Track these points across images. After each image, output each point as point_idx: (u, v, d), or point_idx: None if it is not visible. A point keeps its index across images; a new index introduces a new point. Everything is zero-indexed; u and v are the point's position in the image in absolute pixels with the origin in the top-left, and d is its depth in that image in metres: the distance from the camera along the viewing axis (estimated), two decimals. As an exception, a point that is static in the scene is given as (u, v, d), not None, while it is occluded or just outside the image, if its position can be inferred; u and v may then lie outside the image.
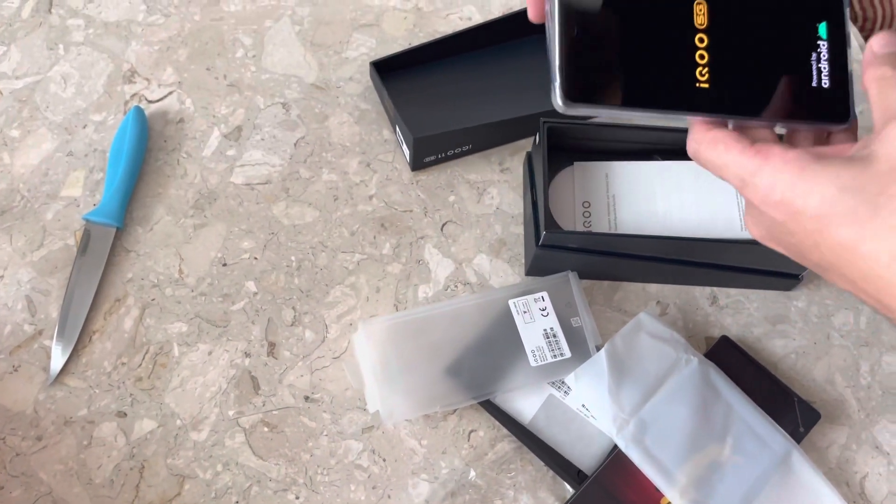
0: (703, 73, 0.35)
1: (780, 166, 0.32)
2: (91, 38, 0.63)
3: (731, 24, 0.35)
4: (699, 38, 0.35)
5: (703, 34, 0.35)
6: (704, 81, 0.35)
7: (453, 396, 0.49)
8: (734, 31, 0.35)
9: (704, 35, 0.35)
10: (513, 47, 0.63)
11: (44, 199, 0.56)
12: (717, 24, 0.35)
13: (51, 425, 0.49)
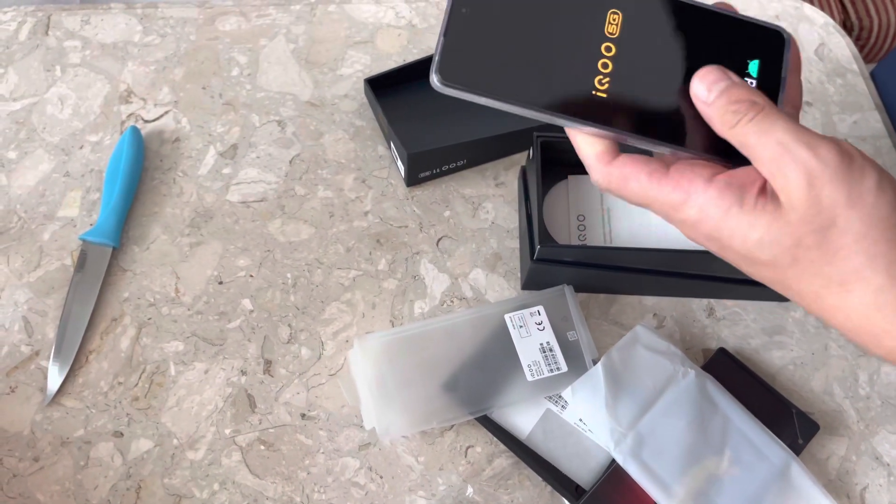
0: (603, 82, 0.33)
1: (704, 204, 0.31)
2: (88, 60, 0.63)
3: (646, 40, 0.33)
4: (606, 46, 0.33)
5: (611, 43, 0.33)
6: (602, 91, 0.33)
7: (450, 412, 0.49)
8: (649, 48, 0.33)
9: (613, 45, 0.33)
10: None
11: (41, 219, 0.56)
12: (630, 37, 0.33)
13: (47, 446, 0.49)
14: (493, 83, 0.32)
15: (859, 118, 0.65)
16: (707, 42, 0.33)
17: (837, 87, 0.67)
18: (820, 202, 0.29)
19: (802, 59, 0.68)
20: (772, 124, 0.30)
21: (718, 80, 0.32)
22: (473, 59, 0.31)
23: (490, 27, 0.32)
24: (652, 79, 0.33)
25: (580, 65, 0.32)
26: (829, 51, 0.69)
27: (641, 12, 0.33)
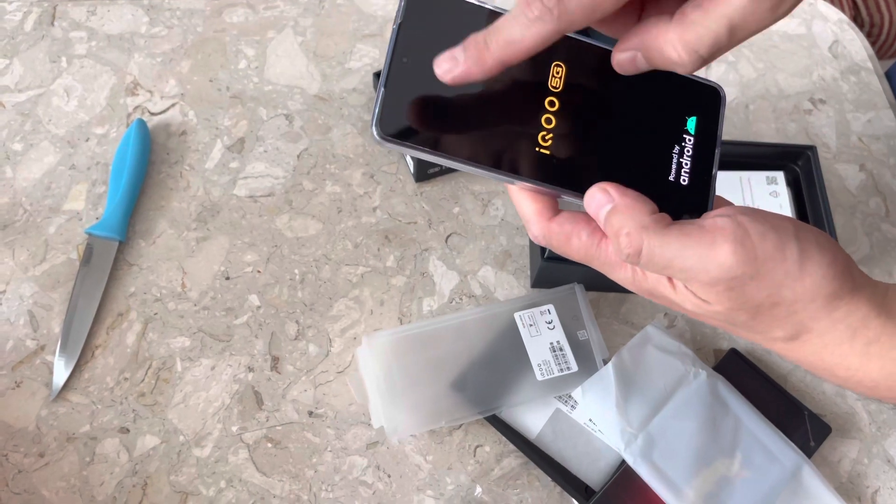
0: (547, 138, 0.31)
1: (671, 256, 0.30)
2: (94, 51, 0.62)
3: (588, 94, 0.32)
4: (550, 100, 0.31)
5: (554, 97, 0.32)
6: (546, 148, 0.31)
7: (459, 411, 0.48)
8: (591, 102, 0.32)
9: (556, 99, 0.32)
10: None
11: (46, 212, 0.56)
12: (572, 92, 0.32)
13: (53, 441, 0.49)
14: (434, 138, 0.30)
15: (873, 116, 0.64)
16: (647, 99, 0.33)
17: (851, 84, 0.66)
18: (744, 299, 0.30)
19: (816, 56, 0.68)
20: (661, 249, 0.29)
21: (601, 203, 0.31)
22: (413, 112, 0.30)
23: (432, 79, 0.30)
24: (593, 136, 0.32)
25: (525, 119, 0.31)
26: (843, 48, 0.68)
27: (584, 66, 0.32)
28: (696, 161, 0.33)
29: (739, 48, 0.66)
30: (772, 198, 0.54)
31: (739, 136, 0.63)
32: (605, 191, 0.30)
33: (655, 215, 0.30)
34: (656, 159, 0.33)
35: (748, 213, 0.30)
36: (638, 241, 0.29)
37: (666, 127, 0.33)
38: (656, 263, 0.29)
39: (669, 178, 0.33)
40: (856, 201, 0.60)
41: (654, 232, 0.29)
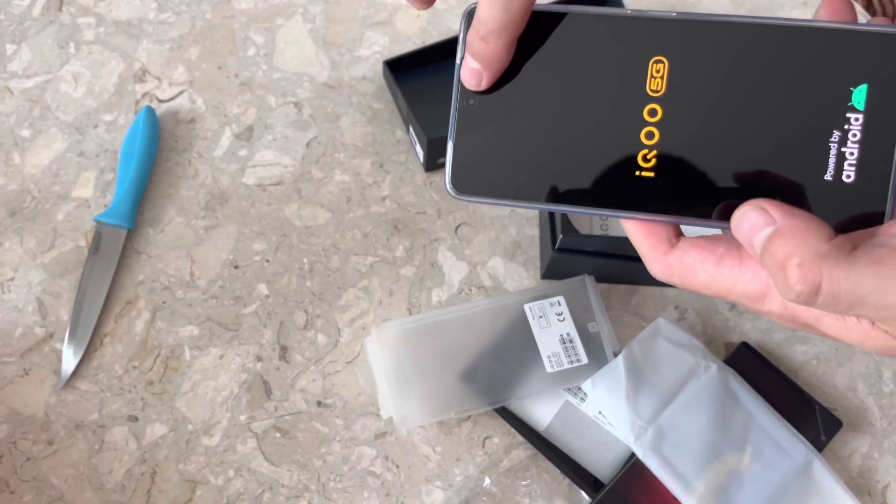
0: (649, 157, 0.26)
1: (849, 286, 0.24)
2: (102, 37, 0.62)
3: (701, 90, 0.26)
4: (650, 109, 0.26)
5: (656, 104, 0.26)
6: (648, 168, 0.26)
7: (468, 402, 0.48)
8: (705, 99, 0.26)
9: (658, 106, 0.26)
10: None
11: (55, 199, 0.55)
12: (679, 91, 0.26)
13: (62, 429, 0.49)
14: (518, 185, 0.27)
15: None
16: (786, 72, 0.25)
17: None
18: None
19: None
20: (850, 284, 0.22)
21: (757, 227, 0.24)
22: (490, 160, 0.27)
23: (504, 117, 0.26)
24: (712, 144, 0.26)
25: (618, 139, 0.26)
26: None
27: (693, 52, 0.26)
28: (867, 148, 0.25)
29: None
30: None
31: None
32: (763, 210, 0.24)
33: (835, 240, 0.23)
34: (805, 154, 0.25)
35: None
36: (815, 274, 0.22)
37: (818, 107, 0.25)
38: (842, 302, 0.23)
39: (826, 178, 0.25)
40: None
41: (836, 262, 0.22)
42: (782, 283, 0.23)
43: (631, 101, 0.26)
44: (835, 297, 0.23)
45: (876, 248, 0.23)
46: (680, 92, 0.26)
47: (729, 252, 0.26)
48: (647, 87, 0.26)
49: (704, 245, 0.27)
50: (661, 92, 0.26)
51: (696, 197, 0.26)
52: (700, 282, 0.27)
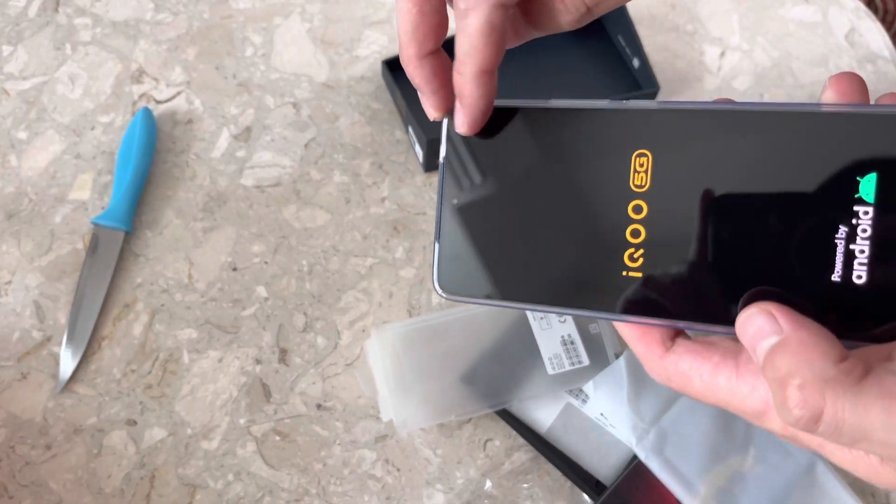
0: (636, 256, 0.24)
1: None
2: (98, 38, 0.62)
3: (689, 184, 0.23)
4: (635, 205, 0.24)
5: (641, 200, 0.24)
6: (636, 269, 0.24)
7: (469, 405, 0.48)
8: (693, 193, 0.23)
9: (643, 202, 0.24)
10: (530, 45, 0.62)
11: (52, 202, 0.55)
12: (665, 186, 0.24)
13: (60, 434, 0.48)
14: (504, 287, 0.26)
15: None
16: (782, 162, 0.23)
17: (868, 73, 0.65)
18: None
19: (832, 45, 0.66)
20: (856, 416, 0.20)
21: (762, 333, 0.22)
22: (475, 261, 0.26)
23: (487, 216, 0.26)
24: (703, 240, 0.23)
25: (604, 238, 0.25)
26: (859, 36, 0.67)
27: (677, 146, 0.24)
28: (880, 244, 0.22)
29: (753, 35, 0.65)
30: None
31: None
32: (771, 315, 0.21)
33: (844, 363, 0.20)
34: (807, 252, 0.22)
35: None
36: (818, 400, 0.20)
37: (820, 200, 0.22)
38: (845, 434, 0.20)
39: (833, 278, 0.22)
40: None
41: (843, 389, 0.20)
42: (781, 403, 0.21)
43: (615, 198, 0.24)
44: (837, 428, 0.20)
45: (889, 376, 0.20)
46: (665, 186, 0.24)
47: (725, 361, 0.24)
48: (630, 182, 0.24)
49: (700, 351, 0.24)
50: (645, 187, 0.24)
51: (688, 298, 0.24)
52: (697, 390, 0.24)
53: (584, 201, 0.25)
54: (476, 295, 0.26)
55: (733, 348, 0.24)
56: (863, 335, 0.22)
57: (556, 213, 0.25)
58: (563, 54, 0.62)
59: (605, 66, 0.62)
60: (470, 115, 0.25)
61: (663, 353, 0.25)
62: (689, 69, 0.63)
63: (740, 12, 0.66)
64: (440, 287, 0.27)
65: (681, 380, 0.24)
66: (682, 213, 0.24)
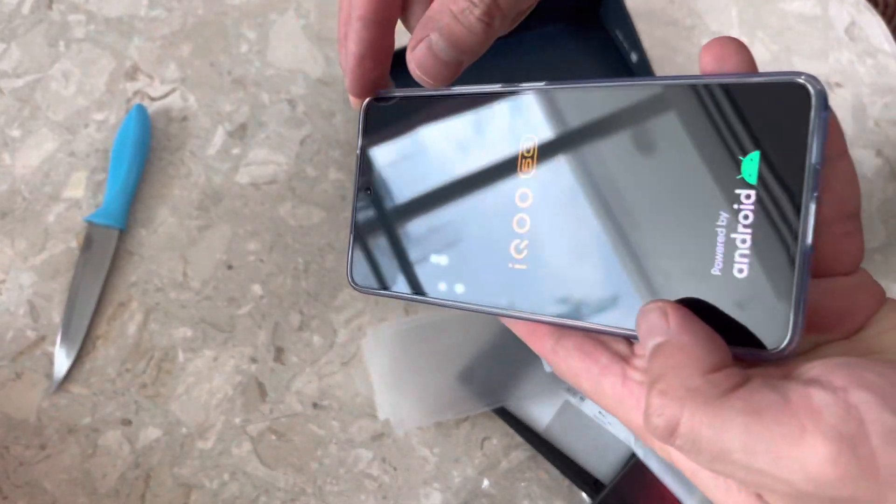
0: (521, 248, 0.23)
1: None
2: (92, 35, 0.61)
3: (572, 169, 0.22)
4: (521, 193, 0.23)
5: (527, 189, 0.23)
6: (521, 262, 0.23)
7: (466, 403, 0.47)
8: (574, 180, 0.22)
9: (529, 190, 0.23)
10: (526, 39, 0.61)
11: (45, 200, 0.55)
12: (551, 172, 0.23)
13: (54, 434, 0.48)
14: (406, 281, 0.25)
15: (890, 101, 0.63)
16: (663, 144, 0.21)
17: (868, 67, 0.64)
18: None
19: (832, 39, 0.66)
20: (714, 431, 0.18)
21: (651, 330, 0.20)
22: (381, 253, 0.26)
23: (389, 208, 0.26)
24: (586, 233, 0.22)
25: (493, 229, 0.24)
26: (859, 30, 0.66)
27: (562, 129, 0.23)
28: (765, 234, 0.19)
29: (753, 30, 0.64)
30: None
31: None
32: (664, 314, 0.20)
33: (714, 374, 0.18)
34: (690, 242, 0.20)
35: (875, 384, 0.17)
36: (675, 410, 0.18)
37: (702, 183, 0.20)
38: (703, 452, 0.18)
39: (712, 272, 0.20)
40: (872, 188, 0.59)
41: (704, 401, 0.18)
42: (645, 409, 0.19)
43: (504, 186, 0.24)
44: (695, 443, 0.18)
45: (764, 391, 0.17)
46: (549, 172, 0.23)
47: (612, 365, 0.22)
48: (518, 168, 0.23)
49: (589, 351, 0.22)
50: (531, 173, 0.23)
51: (572, 294, 0.22)
52: (586, 391, 0.22)
53: (478, 191, 0.24)
54: (385, 289, 0.26)
55: (625, 353, 0.23)
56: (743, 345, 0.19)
57: (455, 204, 0.25)
58: (560, 48, 0.61)
59: (603, 60, 0.61)
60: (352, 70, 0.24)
61: (553, 349, 0.23)
62: (687, 64, 0.62)
63: (739, 6, 0.65)
64: (352, 280, 0.27)
65: (571, 378, 0.23)
66: (565, 202, 0.22)
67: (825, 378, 0.17)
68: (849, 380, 0.17)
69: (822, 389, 0.17)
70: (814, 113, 0.18)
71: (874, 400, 0.16)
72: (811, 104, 0.18)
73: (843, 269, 0.21)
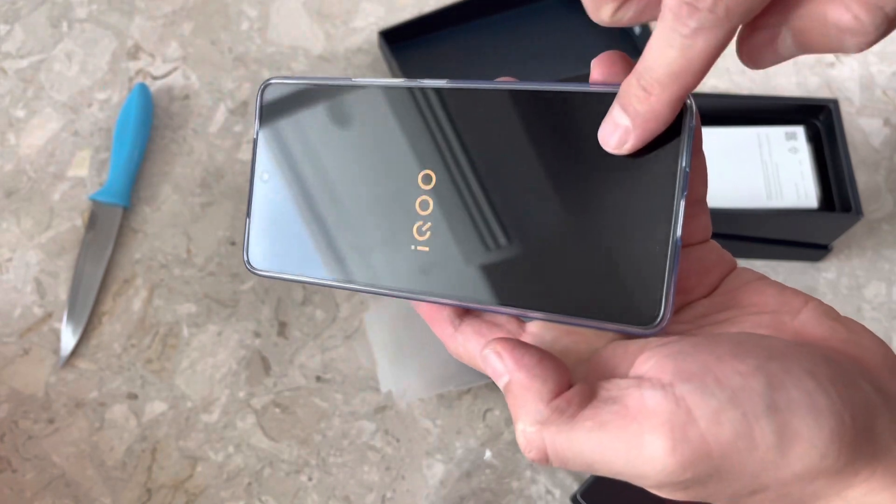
0: (424, 229, 0.24)
1: None
2: (94, 15, 0.61)
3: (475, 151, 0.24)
4: (425, 174, 0.24)
5: (430, 170, 0.24)
6: (423, 243, 0.24)
7: (468, 375, 0.47)
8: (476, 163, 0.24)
9: (432, 172, 0.24)
10: (529, 12, 0.61)
11: (50, 179, 0.55)
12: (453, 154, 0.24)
13: (62, 408, 0.49)
14: (309, 262, 0.26)
15: None
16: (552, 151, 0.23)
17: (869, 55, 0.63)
18: (709, 495, 0.21)
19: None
20: (573, 450, 0.20)
21: (496, 373, 0.22)
22: (283, 236, 0.26)
23: (294, 192, 0.26)
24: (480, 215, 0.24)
25: (397, 211, 0.25)
26: None
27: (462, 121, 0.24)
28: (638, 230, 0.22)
29: None
30: (791, 154, 0.52)
31: (758, 90, 0.60)
32: (499, 356, 0.21)
33: (557, 401, 0.21)
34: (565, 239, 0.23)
35: (695, 373, 0.19)
36: (538, 442, 0.21)
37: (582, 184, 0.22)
38: (575, 466, 0.21)
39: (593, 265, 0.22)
40: (879, 157, 0.58)
41: (557, 429, 0.20)
42: (519, 445, 0.22)
43: (408, 170, 0.25)
44: (564, 462, 0.21)
45: (605, 407, 0.20)
46: (452, 158, 0.24)
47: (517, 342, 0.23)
48: (422, 156, 0.25)
49: (485, 333, 0.24)
50: (434, 162, 0.24)
51: (468, 276, 0.23)
52: (491, 374, 0.23)
53: (381, 176, 0.25)
54: (283, 271, 0.26)
55: (516, 332, 0.25)
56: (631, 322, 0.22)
57: (357, 188, 0.26)
58: (561, 22, 0.61)
59: (605, 33, 0.61)
60: (640, 140, 0.22)
61: (453, 333, 0.24)
62: (691, 35, 0.62)
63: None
64: (249, 263, 0.27)
65: (471, 361, 0.24)
66: (464, 186, 0.24)
67: (655, 375, 0.20)
68: (674, 374, 0.20)
69: (653, 388, 0.19)
70: (685, 125, 0.21)
71: (695, 388, 0.19)
72: (685, 116, 0.21)
73: (696, 241, 0.24)
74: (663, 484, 0.20)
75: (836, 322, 0.22)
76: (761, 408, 0.19)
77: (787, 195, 0.50)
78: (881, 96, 0.61)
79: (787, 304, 0.22)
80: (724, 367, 0.19)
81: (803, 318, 0.22)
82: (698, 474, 0.19)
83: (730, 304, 0.23)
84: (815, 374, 0.20)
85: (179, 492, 0.47)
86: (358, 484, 0.47)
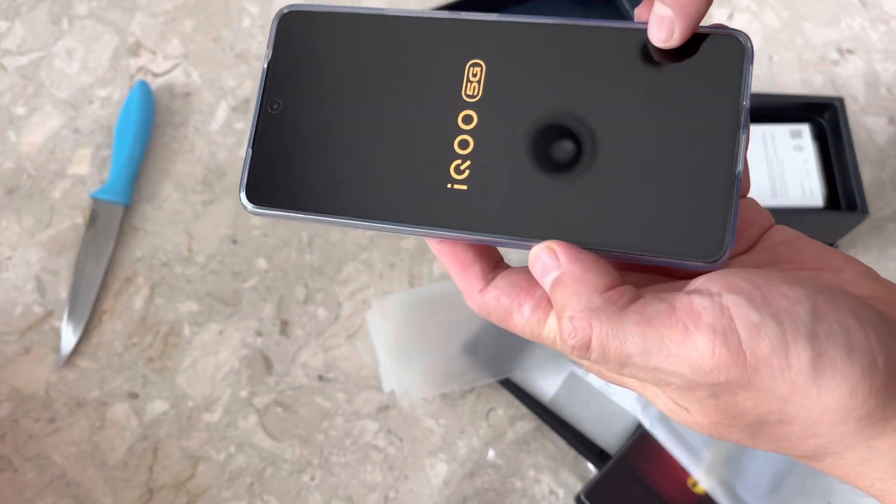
0: (462, 168, 0.23)
1: None
2: (95, 11, 0.61)
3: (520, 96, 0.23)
4: (465, 115, 0.23)
5: (471, 111, 0.23)
6: (461, 182, 0.23)
7: (471, 374, 0.47)
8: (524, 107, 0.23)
9: (473, 112, 0.23)
10: (531, 9, 0.61)
11: (51, 177, 0.55)
12: (498, 97, 0.23)
13: (63, 407, 0.48)
14: (320, 198, 0.24)
15: None
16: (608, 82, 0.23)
17: (881, 34, 0.63)
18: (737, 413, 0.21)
19: (844, 4, 0.64)
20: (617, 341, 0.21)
21: (546, 269, 0.22)
22: (292, 170, 0.24)
23: (310, 123, 0.24)
24: (528, 155, 0.23)
25: (430, 148, 0.24)
26: (872, -5, 0.65)
27: (510, 57, 0.24)
28: (700, 164, 0.22)
29: (763, -3, 0.63)
30: (796, 152, 0.52)
31: (762, 88, 0.60)
32: (552, 252, 0.22)
33: (609, 292, 0.21)
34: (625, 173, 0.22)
35: (743, 287, 0.20)
36: (585, 329, 0.21)
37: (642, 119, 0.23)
38: (612, 360, 0.21)
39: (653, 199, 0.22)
40: (884, 156, 0.58)
41: (607, 317, 0.21)
42: (560, 335, 0.22)
43: (445, 107, 0.24)
44: (604, 353, 0.21)
45: (655, 303, 0.21)
46: (497, 97, 0.23)
47: (545, 296, 0.23)
48: (462, 91, 0.24)
49: (525, 286, 0.24)
50: (477, 97, 0.24)
51: (510, 214, 0.23)
52: (517, 325, 0.24)
53: (413, 110, 0.24)
54: (289, 207, 0.24)
55: None
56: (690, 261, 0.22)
57: (382, 122, 0.24)
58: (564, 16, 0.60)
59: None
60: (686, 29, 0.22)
61: (484, 287, 0.24)
62: (695, 32, 0.61)
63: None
64: (248, 198, 0.24)
65: (501, 315, 0.24)
66: (510, 127, 0.23)
67: (704, 287, 0.21)
68: (722, 286, 0.20)
69: (701, 296, 0.20)
70: (745, 63, 0.22)
71: (741, 301, 0.20)
72: (744, 55, 0.22)
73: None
74: (696, 384, 0.20)
75: (876, 282, 0.23)
76: (802, 332, 0.20)
77: (792, 193, 0.50)
78: (886, 94, 0.60)
79: (828, 263, 0.23)
80: (771, 289, 0.20)
81: (846, 276, 0.23)
82: (730, 381, 0.20)
83: (770, 260, 0.24)
84: (859, 315, 0.20)
85: (181, 492, 0.46)
86: (360, 484, 0.47)
